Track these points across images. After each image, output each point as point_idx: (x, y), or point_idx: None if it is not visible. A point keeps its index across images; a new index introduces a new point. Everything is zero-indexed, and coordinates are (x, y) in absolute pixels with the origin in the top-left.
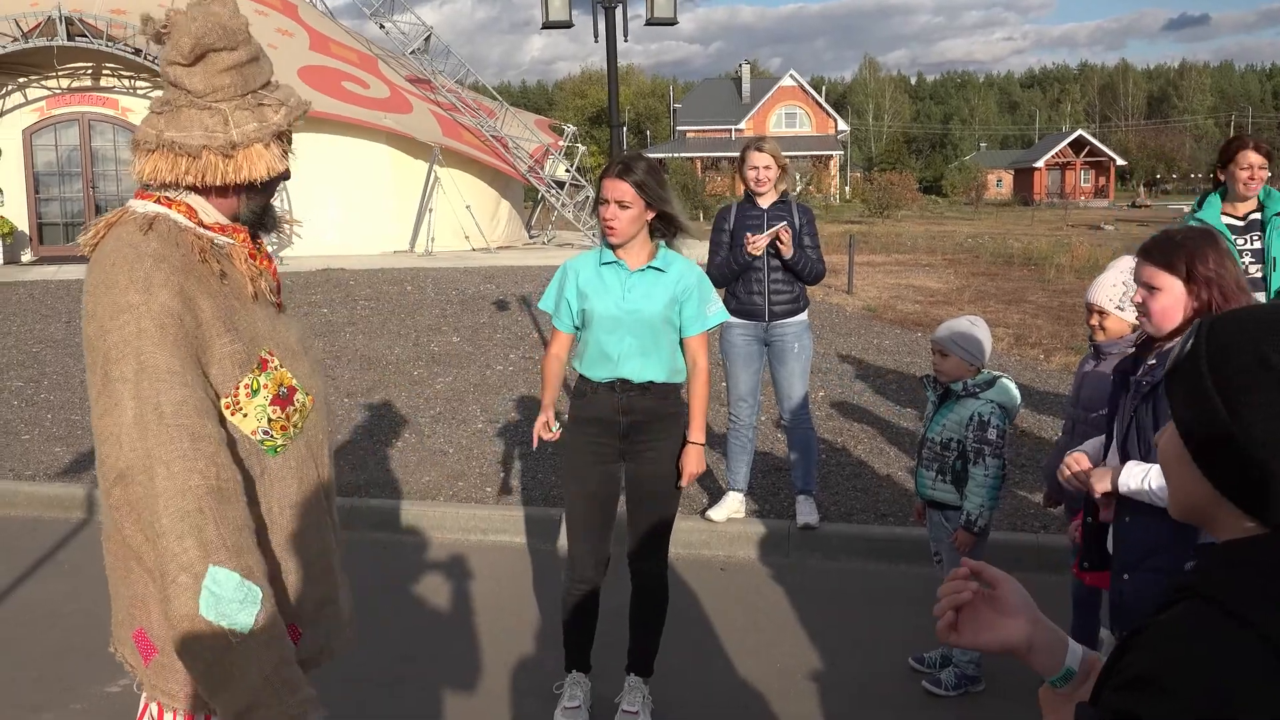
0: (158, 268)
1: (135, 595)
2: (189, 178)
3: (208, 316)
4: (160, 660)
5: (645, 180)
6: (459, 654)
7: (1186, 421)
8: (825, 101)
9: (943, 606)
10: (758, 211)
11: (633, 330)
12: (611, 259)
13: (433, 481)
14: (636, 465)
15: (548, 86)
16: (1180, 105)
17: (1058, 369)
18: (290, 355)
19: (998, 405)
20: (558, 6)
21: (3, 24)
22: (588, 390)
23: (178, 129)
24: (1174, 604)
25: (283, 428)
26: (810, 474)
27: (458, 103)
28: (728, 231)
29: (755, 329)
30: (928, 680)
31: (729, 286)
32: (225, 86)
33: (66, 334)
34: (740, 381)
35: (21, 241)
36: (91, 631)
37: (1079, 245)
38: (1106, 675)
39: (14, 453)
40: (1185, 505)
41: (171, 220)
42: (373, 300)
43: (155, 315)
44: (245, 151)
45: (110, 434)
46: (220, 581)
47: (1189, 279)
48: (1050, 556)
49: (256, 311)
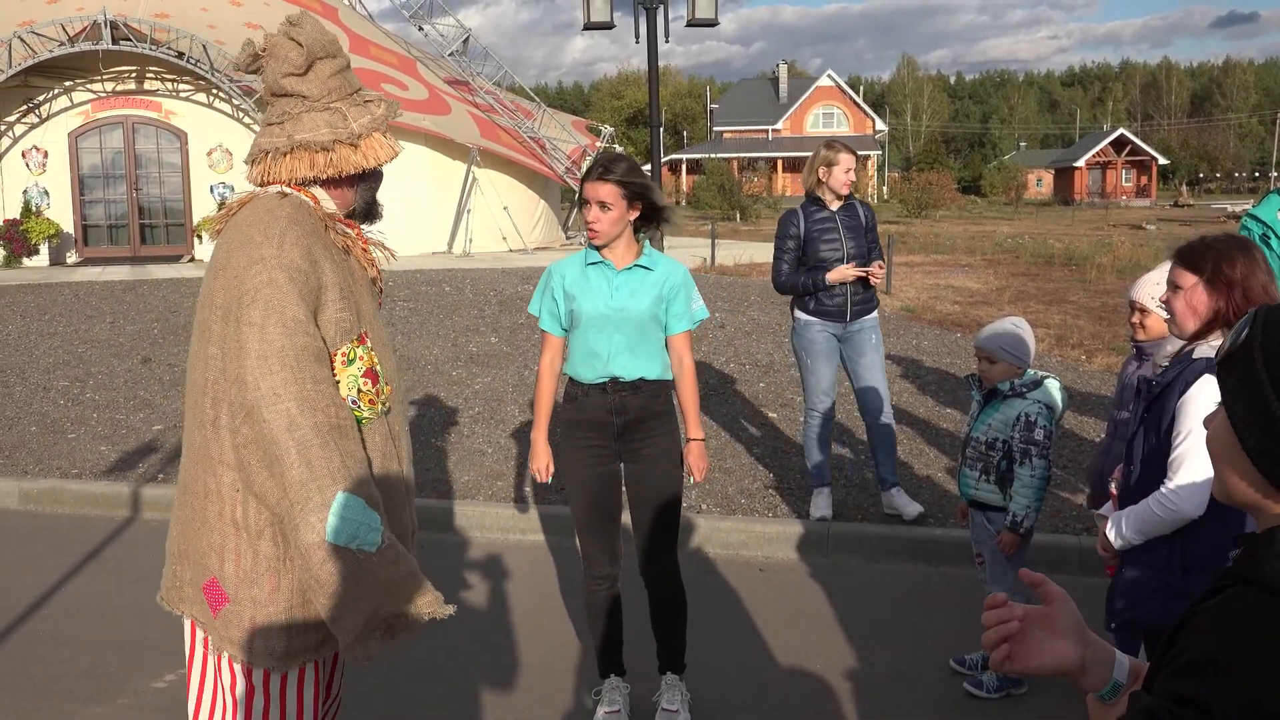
0: (290, 228)
1: (211, 545)
2: (328, 170)
3: (329, 280)
4: (230, 609)
5: (626, 179)
6: (495, 652)
7: (1237, 409)
8: (863, 101)
9: (991, 639)
10: (827, 214)
11: (621, 328)
12: (598, 259)
13: (471, 481)
14: (634, 465)
15: (584, 88)
16: (1224, 103)
17: (1100, 370)
18: (381, 345)
19: (1044, 405)
20: (599, 8)
21: (49, 29)
22: (579, 394)
23: (305, 131)
24: (1221, 590)
25: (370, 401)
26: (894, 465)
27: (495, 104)
28: (797, 239)
29: (833, 328)
30: (969, 682)
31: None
32: (337, 88)
33: (111, 334)
34: (823, 377)
35: (67, 243)
36: (139, 627)
37: (1120, 245)
38: (1158, 664)
39: (61, 451)
40: (1232, 492)
41: (300, 198)
42: (411, 301)
43: (286, 268)
44: (368, 141)
45: (236, 375)
46: (348, 506)
47: (1211, 280)
48: (1092, 558)
49: (365, 294)
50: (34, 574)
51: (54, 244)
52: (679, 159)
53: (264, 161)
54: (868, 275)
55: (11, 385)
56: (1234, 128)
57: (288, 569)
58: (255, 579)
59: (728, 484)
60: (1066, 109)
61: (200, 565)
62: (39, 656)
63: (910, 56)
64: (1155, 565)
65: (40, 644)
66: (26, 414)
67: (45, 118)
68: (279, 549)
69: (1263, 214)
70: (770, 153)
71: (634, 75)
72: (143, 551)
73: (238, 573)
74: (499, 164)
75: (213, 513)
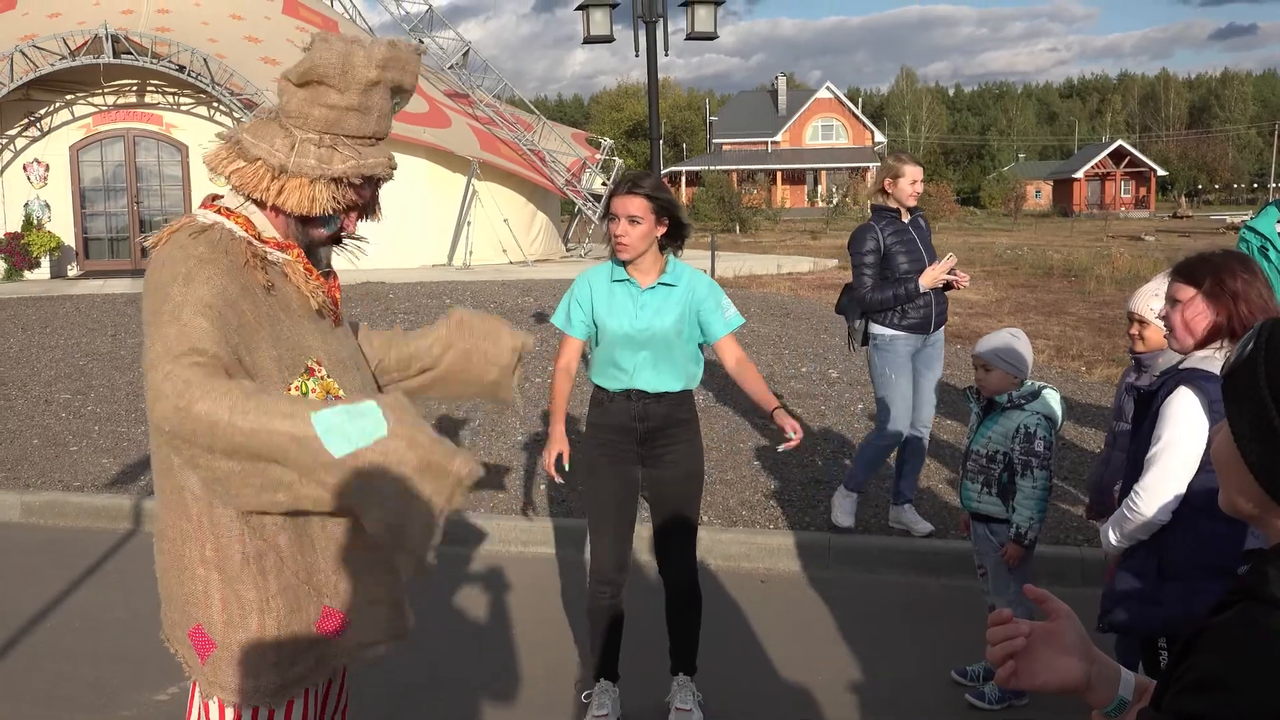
0: (200, 268)
1: (191, 593)
2: (235, 178)
3: (249, 320)
4: (217, 655)
5: (655, 194)
6: (497, 664)
7: (1240, 423)
8: (862, 113)
9: (996, 655)
10: (903, 225)
11: (646, 345)
12: (623, 276)
13: (474, 494)
14: (656, 470)
15: (584, 101)
16: (1222, 115)
17: (1099, 381)
18: (340, 367)
19: (1043, 416)
20: (599, 21)
21: (51, 43)
22: (604, 399)
23: (254, 134)
24: (1229, 606)
25: None
26: (916, 481)
27: (495, 117)
28: (876, 252)
29: (915, 341)
30: (971, 693)
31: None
32: (314, 118)
33: (112, 347)
34: (908, 393)
35: (68, 256)
36: (140, 640)
37: (1119, 256)
38: (1166, 680)
39: (63, 464)
40: (1236, 505)
41: (225, 229)
42: (412, 314)
43: (193, 304)
44: (290, 179)
45: (151, 388)
46: (328, 418)
47: (1210, 293)
48: (1094, 570)
49: (305, 324)
50: (36, 587)
51: (55, 257)
52: (678, 171)
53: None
54: (955, 282)
55: (13, 398)
56: (1232, 139)
57: (271, 608)
58: (240, 622)
59: (729, 496)
60: (1065, 121)
61: (184, 613)
62: (41, 669)
63: (909, 69)
64: (1134, 570)
65: (42, 656)
66: (28, 427)
67: (46, 131)
68: (260, 589)
69: (1261, 226)
70: (769, 165)
71: (634, 88)
72: (144, 564)
73: (222, 617)
74: (499, 176)
75: (191, 557)
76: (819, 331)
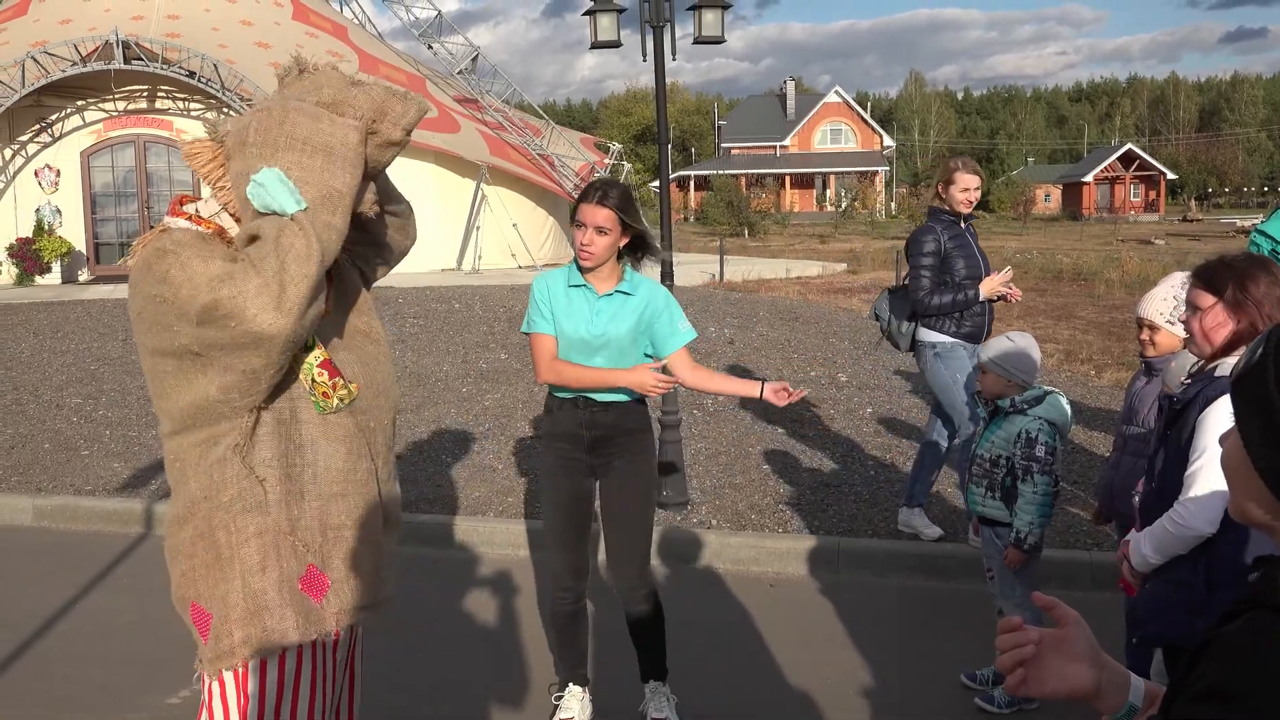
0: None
1: (183, 571)
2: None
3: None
4: (215, 625)
5: (624, 206)
6: (503, 668)
7: (1249, 429)
8: (871, 117)
9: (1006, 663)
10: (962, 230)
11: (600, 351)
12: (580, 282)
13: (482, 497)
14: (605, 480)
15: (593, 105)
16: (1232, 118)
17: (1109, 385)
18: (342, 350)
19: (1047, 422)
20: (606, 26)
21: (62, 49)
22: (554, 406)
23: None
24: (1238, 615)
25: (325, 394)
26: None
27: (504, 122)
28: (936, 254)
29: (971, 348)
30: (980, 697)
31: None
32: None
33: (123, 352)
34: (966, 402)
35: (79, 261)
36: (151, 644)
37: (1129, 260)
38: (1175, 689)
39: (74, 469)
40: (1246, 512)
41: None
42: (421, 318)
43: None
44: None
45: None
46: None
47: (1233, 300)
48: (1103, 574)
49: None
50: (47, 590)
51: (66, 262)
52: (687, 175)
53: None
54: (1009, 295)
55: (25, 403)
56: (1242, 142)
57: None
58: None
59: (737, 500)
60: (1074, 124)
61: (181, 598)
62: (52, 673)
63: (918, 72)
64: (1179, 581)
65: (54, 660)
66: (40, 431)
67: (58, 137)
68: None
69: (1272, 229)
70: (778, 169)
71: (642, 92)
72: (156, 568)
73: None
74: (508, 181)
75: (184, 536)
76: (828, 336)
